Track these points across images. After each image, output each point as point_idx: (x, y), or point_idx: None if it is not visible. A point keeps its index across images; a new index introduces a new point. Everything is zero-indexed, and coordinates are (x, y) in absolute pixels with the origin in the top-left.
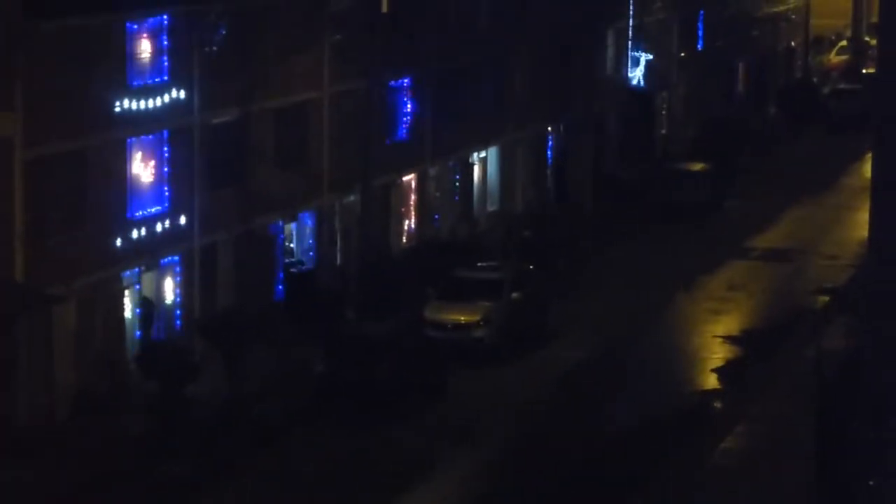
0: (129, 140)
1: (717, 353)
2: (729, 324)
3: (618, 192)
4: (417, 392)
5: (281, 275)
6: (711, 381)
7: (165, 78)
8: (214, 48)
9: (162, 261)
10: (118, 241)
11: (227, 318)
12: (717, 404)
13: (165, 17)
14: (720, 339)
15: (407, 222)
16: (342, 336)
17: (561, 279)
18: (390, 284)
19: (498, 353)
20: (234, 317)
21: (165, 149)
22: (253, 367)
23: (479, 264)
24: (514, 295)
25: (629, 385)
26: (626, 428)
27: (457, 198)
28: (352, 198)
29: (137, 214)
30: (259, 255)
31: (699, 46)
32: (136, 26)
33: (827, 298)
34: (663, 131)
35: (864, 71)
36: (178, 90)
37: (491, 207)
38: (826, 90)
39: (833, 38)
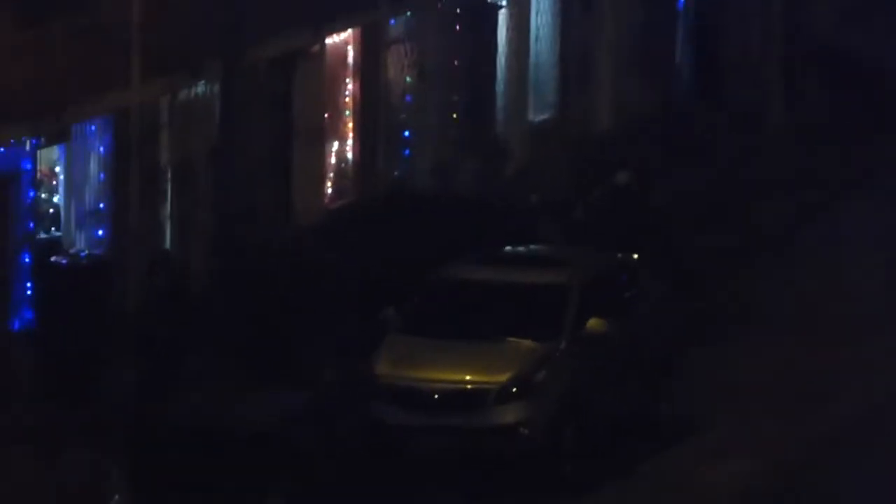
0: None
1: None
2: None
3: (843, 83)
4: None
5: (30, 266)
6: None
7: None
8: None
9: None
10: None
11: None
12: None
13: None
14: None
15: (334, 151)
16: (158, 435)
17: (708, 286)
18: (292, 298)
19: (556, 465)
20: None
21: None
22: None
23: (506, 249)
24: (592, 324)
25: None
26: None
27: (458, 99)
28: (199, 89)
29: None
30: None
31: None
32: None
33: None
34: None
35: None
36: None
37: (538, 114)
38: None
39: None
